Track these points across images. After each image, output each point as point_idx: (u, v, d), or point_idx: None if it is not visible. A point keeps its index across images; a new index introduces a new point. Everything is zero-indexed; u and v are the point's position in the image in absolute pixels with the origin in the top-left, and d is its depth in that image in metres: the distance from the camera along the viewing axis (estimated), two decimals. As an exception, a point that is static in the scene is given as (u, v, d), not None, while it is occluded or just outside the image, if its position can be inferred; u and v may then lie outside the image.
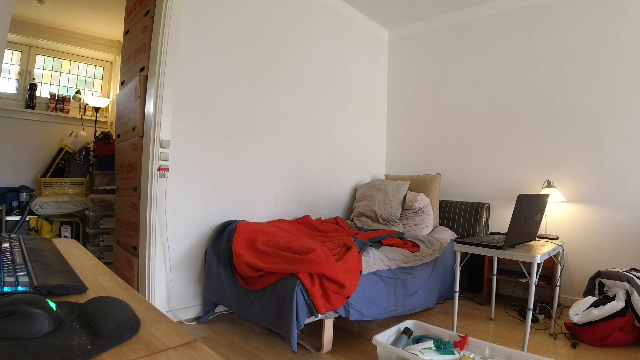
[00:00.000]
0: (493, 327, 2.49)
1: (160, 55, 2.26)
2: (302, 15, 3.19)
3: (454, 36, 3.65)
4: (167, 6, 2.26)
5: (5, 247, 0.79)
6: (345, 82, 3.62)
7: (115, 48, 4.42)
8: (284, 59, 3.04)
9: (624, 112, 2.77)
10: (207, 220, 2.54)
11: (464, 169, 3.53)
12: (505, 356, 1.72)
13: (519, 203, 1.92)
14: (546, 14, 3.11)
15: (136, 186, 2.42)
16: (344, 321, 2.32)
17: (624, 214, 2.74)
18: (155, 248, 2.25)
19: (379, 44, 4.06)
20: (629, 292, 2.20)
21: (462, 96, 3.58)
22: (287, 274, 1.94)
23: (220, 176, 2.61)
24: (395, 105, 4.07)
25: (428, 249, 2.68)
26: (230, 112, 2.67)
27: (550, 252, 2.04)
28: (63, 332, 0.47)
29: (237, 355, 1.96)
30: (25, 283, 0.60)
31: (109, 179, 3.61)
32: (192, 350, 0.46)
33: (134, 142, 2.46)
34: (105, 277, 0.76)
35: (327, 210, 3.45)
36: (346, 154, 3.63)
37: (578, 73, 2.96)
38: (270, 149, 2.94)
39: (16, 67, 3.90)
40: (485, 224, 3.21)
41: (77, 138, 3.94)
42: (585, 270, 2.76)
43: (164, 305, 2.31)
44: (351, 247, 2.19)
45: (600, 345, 2.17)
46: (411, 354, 1.69)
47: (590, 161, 2.89)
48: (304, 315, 1.86)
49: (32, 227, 3.48)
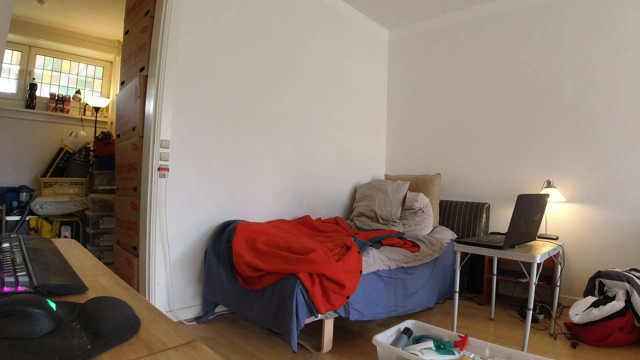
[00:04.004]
0: (493, 327, 2.49)
1: (160, 55, 2.26)
2: (302, 15, 3.19)
3: (454, 36, 3.65)
4: (167, 6, 2.26)
5: (5, 247, 0.79)
6: (345, 82, 3.62)
7: (115, 48, 4.42)
8: (284, 59, 3.04)
9: (624, 112, 2.77)
10: (207, 220, 2.54)
11: (464, 169, 3.53)
12: (505, 356, 1.72)
13: (519, 203, 1.92)
14: (546, 14, 3.11)
15: (136, 186, 2.43)
16: (344, 321, 2.32)
17: (624, 214, 2.74)
18: (155, 248, 2.25)
19: (379, 44, 4.06)
20: (629, 292, 2.20)
21: (462, 96, 3.58)
22: (287, 274, 1.94)
23: (221, 176, 2.61)
24: (395, 106, 4.07)
25: (428, 249, 2.68)
26: (230, 112, 2.67)
27: (550, 252, 2.04)
28: (63, 332, 0.47)
29: (237, 355, 1.96)
30: (25, 283, 0.60)
31: (109, 179, 3.61)
32: (192, 350, 0.47)
33: (134, 142, 2.46)
34: (105, 277, 0.76)
35: (327, 210, 3.45)
36: (346, 154, 3.63)
37: (578, 73, 2.96)
38: (270, 148, 2.94)
39: (16, 67, 3.90)
40: (485, 224, 3.21)
41: (77, 138, 3.94)
42: (585, 270, 2.76)
43: (164, 305, 2.31)
44: (351, 247, 2.19)
45: (600, 345, 2.17)
46: (411, 354, 1.69)
47: (590, 161, 2.89)
48: (304, 315, 1.86)
49: (32, 227, 3.49)
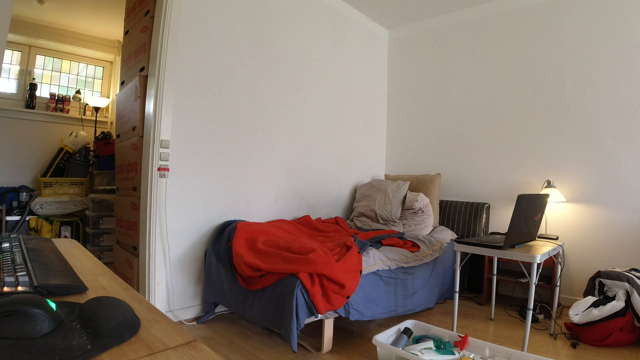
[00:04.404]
0: (493, 327, 2.49)
1: (160, 55, 2.26)
2: (302, 15, 3.19)
3: (454, 36, 3.65)
4: (167, 6, 2.26)
5: (5, 247, 0.79)
6: (345, 81, 3.61)
7: (115, 48, 4.42)
8: (284, 59, 3.04)
9: (624, 112, 2.77)
10: (207, 220, 2.54)
11: (464, 169, 3.53)
12: (505, 356, 1.72)
13: (519, 203, 1.92)
14: (546, 13, 3.11)
15: (136, 186, 2.43)
16: (344, 321, 2.32)
17: (624, 214, 2.74)
18: (155, 248, 2.25)
19: (379, 44, 4.06)
20: (629, 292, 2.20)
21: (462, 96, 3.58)
22: (287, 274, 1.94)
23: (220, 176, 2.61)
24: (395, 105, 4.07)
25: (428, 249, 2.68)
26: (230, 112, 2.67)
27: (550, 252, 2.04)
28: (63, 332, 0.47)
29: (237, 355, 1.96)
30: (25, 283, 0.60)
31: (109, 179, 3.61)
32: (192, 350, 0.46)
33: (134, 142, 2.46)
34: (105, 277, 0.76)
35: (327, 210, 3.45)
36: (346, 154, 3.63)
37: (578, 73, 2.95)
38: (270, 148, 2.94)
39: (16, 67, 3.90)
40: (485, 224, 3.21)
41: (77, 138, 3.94)
42: (585, 270, 2.76)
43: (164, 305, 2.31)
44: (351, 247, 2.19)
45: (600, 345, 2.17)
46: (411, 354, 1.69)
47: (590, 161, 2.89)
48: (304, 315, 1.86)
49: (32, 227, 3.49)
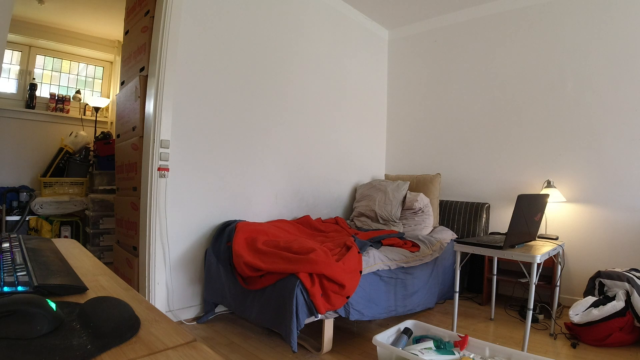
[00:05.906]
0: (493, 327, 2.49)
1: (160, 55, 2.26)
2: (302, 15, 3.19)
3: (454, 36, 3.65)
4: (167, 6, 2.26)
5: (5, 247, 0.79)
6: (345, 82, 3.61)
7: (115, 48, 4.42)
8: (284, 59, 3.04)
9: (624, 112, 2.77)
10: (207, 220, 2.54)
11: (464, 169, 3.53)
12: (505, 356, 1.72)
13: (519, 203, 1.92)
14: (546, 14, 3.11)
15: (136, 186, 2.43)
16: (344, 321, 2.32)
17: (624, 214, 2.74)
18: (155, 248, 2.25)
19: (379, 44, 4.06)
20: (629, 292, 2.20)
21: (462, 96, 3.58)
22: (287, 274, 1.93)
23: (220, 176, 2.61)
24: (395, 105, 4.07)
25: (428, 249, 2.68)
26: (230, 112, 2.67)
27: (550, 252, 2.04)
28: (63, 332, 0.47)
29: (237, 355, 1.96)
30: (25, 283, 0.60)
31: (109, 179, 3.61)
32: (192, 350, 0.46)
33: (134, 142, 2.46)
34: (105, 277, 0.76)
35: (327, 210, 3.45)
36: (346, 154, 3.63)
37: (578, 73, 2.96)
38: (270, 149, 2.94)
39: (16, 67, 3.90)
40: (485, 224, 3.21)
41: (77, 138, 3.94)
42: (585, 270, 2.76)
43: (164, 305, 2.31)
44: (351, 247, 2.19)
45: (600, 345, 2.17)
46: (411, 354, 1.69)
47: (590, 161, 2.89)
48: (304, 315, 1.86)
49: (32, 227, 3.49)
